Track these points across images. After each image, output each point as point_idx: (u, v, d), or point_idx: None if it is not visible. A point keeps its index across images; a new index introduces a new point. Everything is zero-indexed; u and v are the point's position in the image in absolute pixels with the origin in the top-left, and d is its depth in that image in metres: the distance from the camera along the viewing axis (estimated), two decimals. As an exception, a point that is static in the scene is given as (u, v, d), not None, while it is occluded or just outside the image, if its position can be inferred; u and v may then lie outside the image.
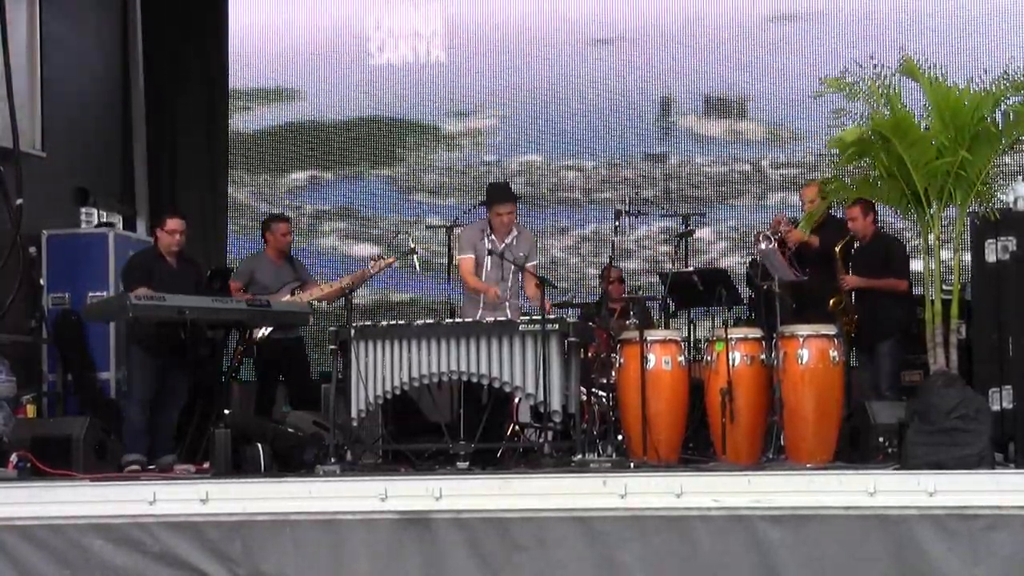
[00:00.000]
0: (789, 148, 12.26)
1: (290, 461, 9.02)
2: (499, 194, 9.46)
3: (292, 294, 10.04)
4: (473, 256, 9.42)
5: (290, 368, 10.23)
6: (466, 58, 12.54)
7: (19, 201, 9.64)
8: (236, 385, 10.47)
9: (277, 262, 10.27)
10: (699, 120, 12.44)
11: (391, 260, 9.96)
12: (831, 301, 9.43)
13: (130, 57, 12.60)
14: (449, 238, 10.14)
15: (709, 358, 8.64)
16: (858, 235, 9.62)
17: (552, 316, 8.83)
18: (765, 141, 12.33)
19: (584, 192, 12.47)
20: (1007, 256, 8.09)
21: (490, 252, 9.29)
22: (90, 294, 10.75)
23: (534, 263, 9.50)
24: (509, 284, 9.42)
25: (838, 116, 8.09)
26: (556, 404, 8.54)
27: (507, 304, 9.37)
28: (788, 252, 9.46)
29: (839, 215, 9.76)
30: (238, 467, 8.69)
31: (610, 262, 10.54)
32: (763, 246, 9.25)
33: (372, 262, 10.05)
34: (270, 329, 9.86)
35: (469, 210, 10.34)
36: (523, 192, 11.27)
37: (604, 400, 9.35)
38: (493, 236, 9.39)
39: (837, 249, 9.48)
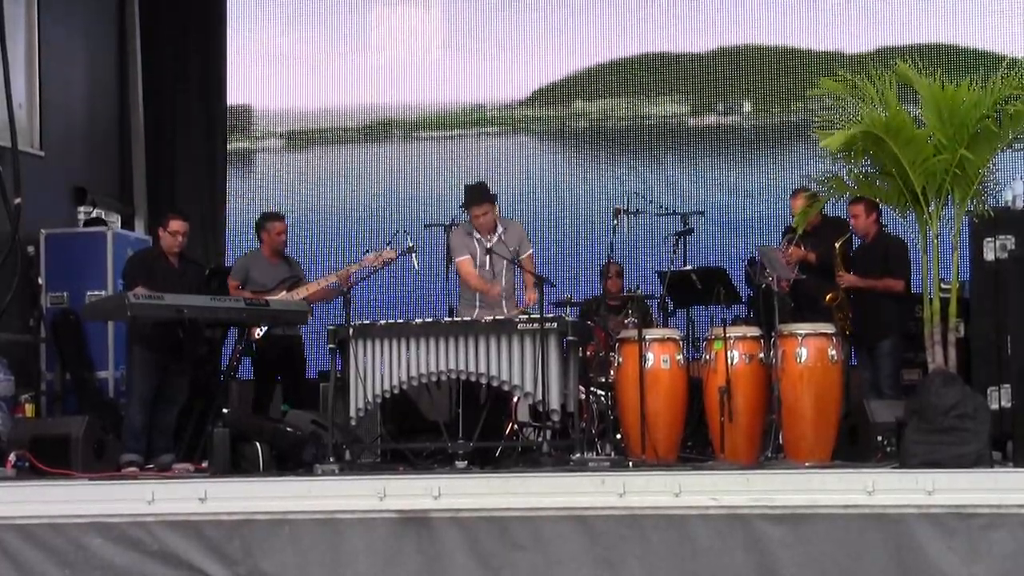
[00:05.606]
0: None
1: (289, 460, 9.02)
2: (473, 196, 9.41)
3: (288, 291, 10.03)
4: (470, 256, 9.42)
5: (287, 366, 10.22)
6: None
7: (18, 200, 9.63)
8: (235, 384, 10.46)
9: (273, 260, 10.25)
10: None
11: (392, 255, 9.93)
12: (827, 296, 9.44)
13: (128, 56, 12.60)
14: (448, 237, 10.12)
15: (708, 357, 8.64)
16: (859, 233, 9.62)
17: (551, 315, 8.83)
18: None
19: (583, 190, 12.50)
20: (1005, 255, 8.09)
21: (488, 251, 9.29)
22: (89, 293, 10.77)
23: (528, 253, 9.49)
24: (503, 281, 9.42)
25: (828, 117, 8.11)
26: (555, 403, 8.54)
27: (503, 302, 9.36)
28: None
29: (834, 215, 9.78)
30: (237, 466, 8.70)
31: (609, 259, 10.55)
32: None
33: (368, 256, 10.04)
34: (266, 328, 9.86)
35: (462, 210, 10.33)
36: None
37: (603, 399, 9.35)
38: (478, 236, 9.39)
39: (837, 246, 9.48)
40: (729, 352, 8.51)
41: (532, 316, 8.73)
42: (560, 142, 12.64)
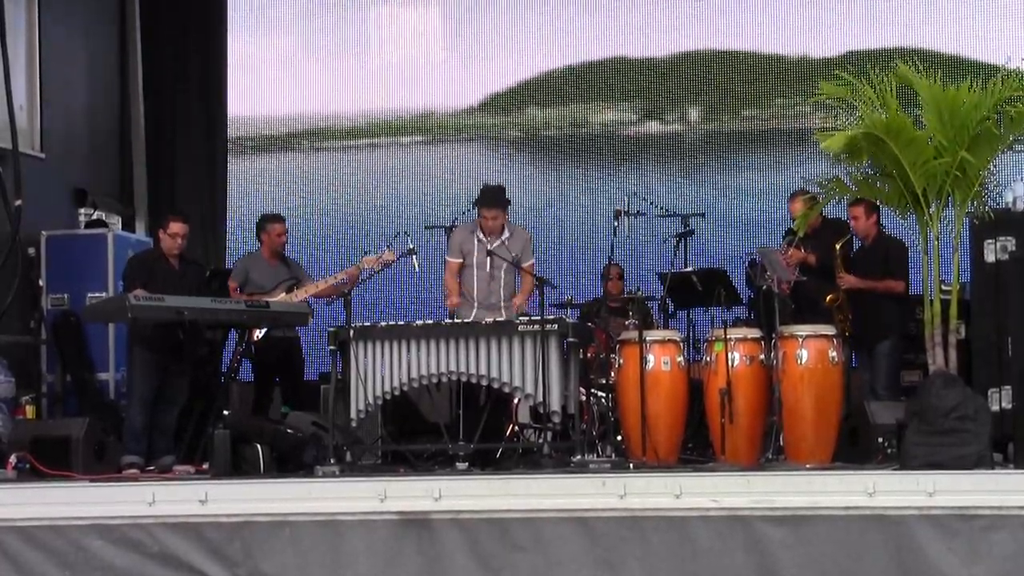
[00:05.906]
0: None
1: (289, 462, 9.02)
2: (485, 198, 9.43)
3: (287, 292, 10.02)
4: (459, 260, 9.42)
5: (286, 368, 10.22)
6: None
7: (18, 202, 9.64)
8: (235, 385, 10.46)
9: (272, 262, 10.25)
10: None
11: (391, 256, 9.93)
12: (827, 297, 9.44)
13: (128, 56, 12.60)
14: (448, 239, 10.12)
15: (708, 358, 8.64)
16: (860, 235, 9.62)
17: (551, 317, 8.82)
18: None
19: (585, 192, 12.50)
20: (1006, 256, 8.09)
21: (490, 253, 9.29)
22: (89, 295, 10.76)
23: (530, 263, 9.50)
24: (502, 283, 9.42)
25: (829, 119, 8.11)
26: (555, 405, 8.53)
27: (502, 305, 9.36)
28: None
29: (834, 217, 9.78)
30: (237, 468, 8.69)
31: (610, 260, 10.55)
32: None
33: (367, 258, 10.03)
34: (265, 330, 9.85)
35: (466, 211, 10.34)
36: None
37: (603, 401, 9.35)
38: (483, 236, 9.39)
39: (837, 247, 9.48)
40: (730, 354, 8.51)
41: (532, 318, 8.73)
42: (561, 144, 12.63)
